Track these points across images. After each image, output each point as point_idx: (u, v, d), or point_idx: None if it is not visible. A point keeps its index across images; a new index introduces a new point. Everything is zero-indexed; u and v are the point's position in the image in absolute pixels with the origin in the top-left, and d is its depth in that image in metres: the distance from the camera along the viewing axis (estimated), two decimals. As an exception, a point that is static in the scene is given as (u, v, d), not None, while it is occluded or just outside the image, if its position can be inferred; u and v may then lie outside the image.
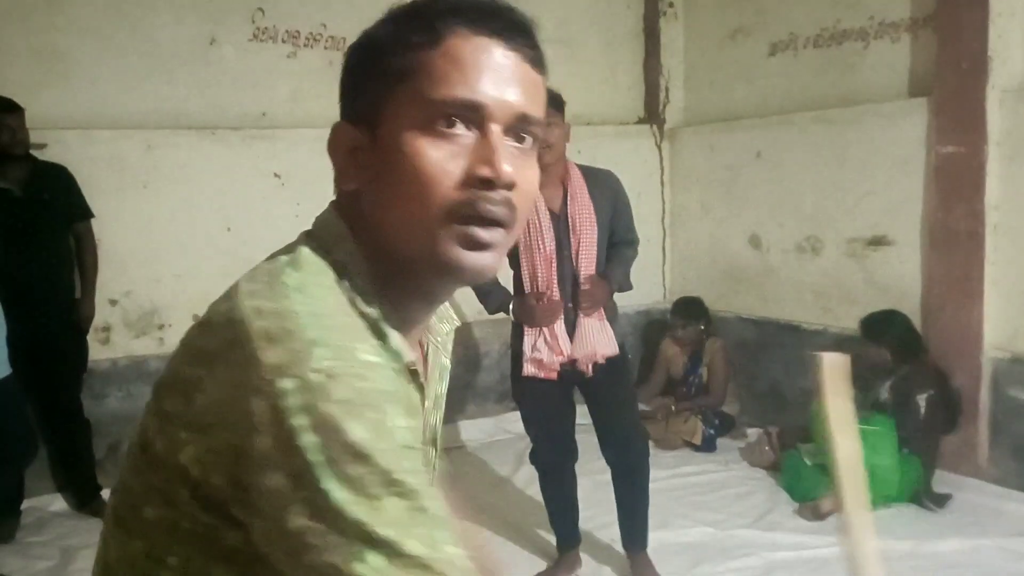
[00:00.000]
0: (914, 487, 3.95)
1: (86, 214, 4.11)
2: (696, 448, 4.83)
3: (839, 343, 4.48)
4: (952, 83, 4.06)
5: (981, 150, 3.95)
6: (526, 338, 3.14)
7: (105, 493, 4.22)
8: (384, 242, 0.87)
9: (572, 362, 3.15)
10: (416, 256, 0.85)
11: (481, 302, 3.28)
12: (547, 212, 3.12)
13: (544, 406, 3.27)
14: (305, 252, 0.86)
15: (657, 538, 3.56)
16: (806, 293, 4.99)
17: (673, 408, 4.98)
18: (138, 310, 4.50)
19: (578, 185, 3.15)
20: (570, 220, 3.13)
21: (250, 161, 4.70)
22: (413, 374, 0.85)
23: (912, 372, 4.07)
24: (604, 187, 3.22)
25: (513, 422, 5.35)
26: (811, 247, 4.94)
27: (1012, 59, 3.93)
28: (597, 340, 3.13)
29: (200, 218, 4.60)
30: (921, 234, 4.32)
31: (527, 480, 4.45)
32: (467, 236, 0.84)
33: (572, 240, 3.13)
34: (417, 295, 0.91)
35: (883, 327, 4.14)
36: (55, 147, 4.17)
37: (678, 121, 5.91)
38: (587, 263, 3.14)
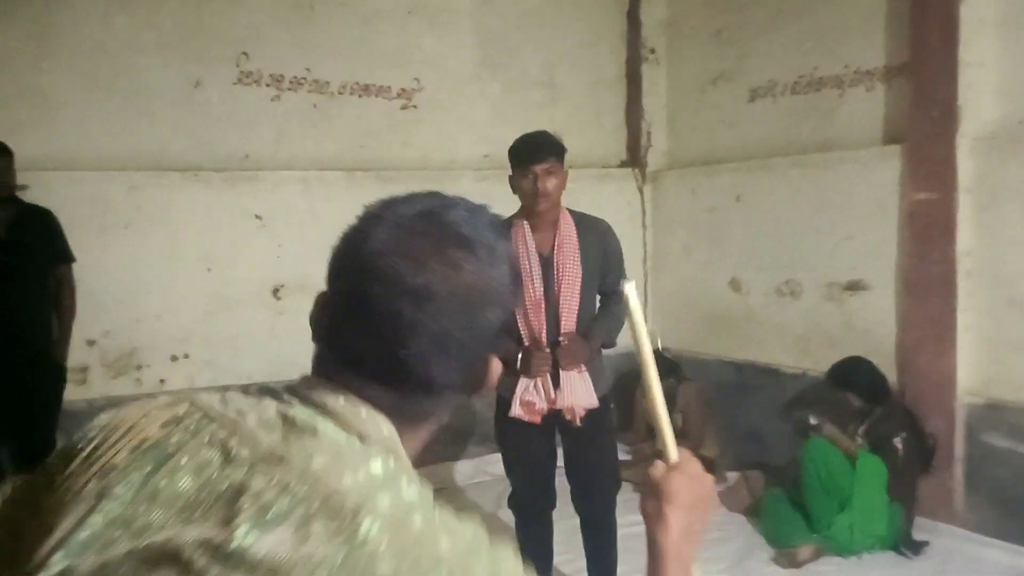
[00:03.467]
0: (896, 534, 3.94)
1: (67, 258, 4.14)
2: (675, 492, 4.80)
3: (818, 387, 4.49)
4: (924, 131, 4.11)
5: (952, 197, 4.00)
6: (519, 381, 3.14)
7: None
8: None
9: (557, 409, 3.15)
10: None
11: None
12: (536, 256, 3.14)
13: (526, 449, 3.27)
14: None
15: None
16: (786, 336, 5.01)
17: (649, 453, 4.97)
18: (117, 350, 4.50)
19: (567, 231, 3.16)
20: (555, 265, 3.14)
21: (232, 202, 4.74)
22: None
23: (884, 415, 4.11)
24: (594, 235, 3.23)
25: (494, 464, 5.35)
26: (790, 291, 4.96)
27: (982, 108, 3.99)
28: (577, 392, 3.13)
29: (181, 259, 4.63)
30: (896, 279, 4.35)
31: (505, 524, 4.43)
32: None
33: (555, 285, 3.14)
34: None
35: (849, 374, 4.20)
36: (37, 188, 4.21)
37: (660, 164, 5.97)
38: (569, 310, 3.14)
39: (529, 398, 3.12)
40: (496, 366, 0.94)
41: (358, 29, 5.09)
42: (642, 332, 1.15)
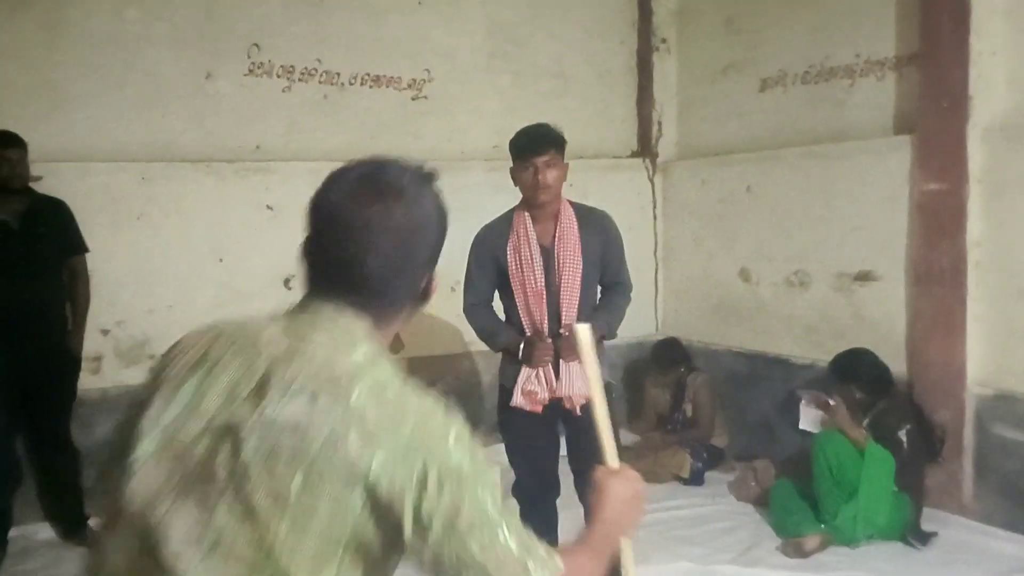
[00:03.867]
0: (903, 525, 3.94)
1: (81, 248, 4.18)
2: (684, 482, 4.83)
3: (822, 379, 4.49)
4: (934, 121, 4.09)
5: (962, 188, 3.98)
6: (522, 370, 3.16)
7: (92, 522, 4.25)
8: None
9: (558, 398, 3.17)
10: None
11: (485, 340, 3.32)
12: (538, 247, 3.16)
13: (528, 438, 3.29)
14: None
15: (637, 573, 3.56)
16: (796, 327, 5.01)
17: (659, 442, 4.99)
18: (130, 340, 4.55)
19: (568, 222, 3.18)
20: (556, 256, 3.16)
21: (243, 193, 4.77)
22: None
23: (888, 407, 4.11)
24: (595, 226, 3.25)
25: (499, 454, 5.38)
26: (800, 281, 4.96)
27: (993, 98, 3.97)
28: (576, 382, 3.14)
29: (193, 249, 4.67)
30: (906, 270, 4.34)
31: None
32: None
33: (555, 276, 3.16)
34: None
35: (852, 366, 4.21)
36: (51, 179, 4.25)
37: (671, 155, 5.97)
38: (569, 300, 3.16)
39: (531, 387, 3.15)
40: (436, 282, 1.32)
41: (369, 20, 5.11)
42: (594, 371, 1.53)
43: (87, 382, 4.33)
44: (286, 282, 4.85)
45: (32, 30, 4.35)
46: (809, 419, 4.34)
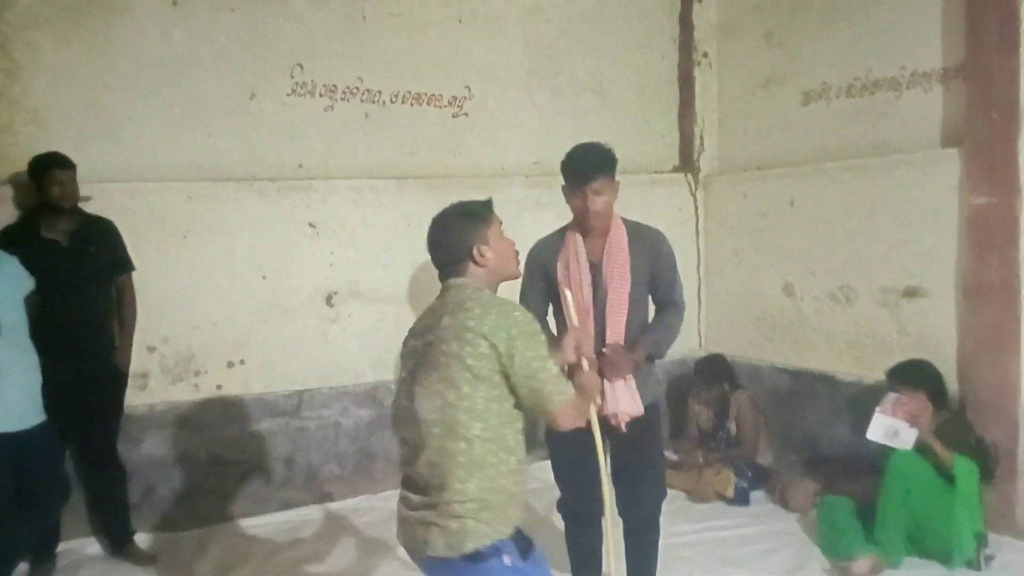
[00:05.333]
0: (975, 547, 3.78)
1: (128, 267, 4.25)
2: (729, 501, 4.76)
3: (874, 394, 4.40)
4: (983, 133, 4.02)
5: (1015, 201, 3.90)
6: None
7: (138, 538, 4.30)
8: None
9: (604, 416, 3.13)
10: None
11: None
12: (587, 264, 3.14)
13: (574, 455, 3.25)
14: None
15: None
16: (839, 342, 4.93)
17: (702, 460, 4.92)
18: (175, 356, 4.61)
19: (618, 239, 3.14)
20: (604, 272, 3.13)
21: (286, 211, 4.82)
22: None
23: (950, 420, 3.98)
24: (645, 244, 3.19)
25: (545, 470, 5.35)
26: (844, 296, 4.88)
27: (1044, 109, 3.89)
28: (621, 400, 3.11)
29: (237, 267, 4.72)
30: (955, 285, 4.25)
31: (554, 531, 4.44)
32: None
33: (602, 292, 3.14)
34: None
35: (917, 373, 4.05)
36: (99, 199, 4.33)
37: (712, 169, 5.92)
38: (615, 318, 3.12)
39: None
40: (486, 254, 2.35)
41: (409, 38, 5.15)
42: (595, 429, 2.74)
43: (134, 398, 4.39)
44: (328, 299, 4.89)
45: (82, 52, 4.44)
46: (881, 429, 3.85)
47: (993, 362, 4.02)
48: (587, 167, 3.07)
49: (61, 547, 4.11)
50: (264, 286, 4.78)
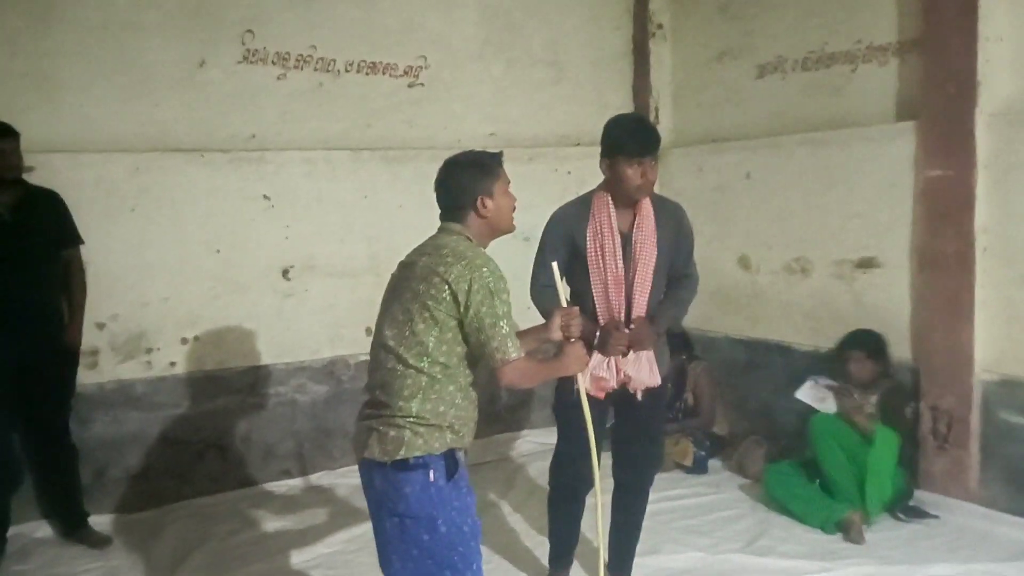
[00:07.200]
0: (898, 497, 4.04)
1: (75, 240, 4.09)
2: (687, 470, 4.83)
3: (829, 363, 4.49)
4: (939, 107, 4.09)
5: (970, 173, 3.98)
6: (593, 356, 3.11)
7: (92, 520, 4.18)
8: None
9: (622, 385, 3.16)
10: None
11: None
12: (619, 235, 3.12)
13: (579, 430, 3.24)
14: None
15: (648, 563, 3.58)
16: (795, 314, 5.00)
17: (689, 431, 4.98)
18: (125, 333, 4.46)
19: (647, 211, 3.15)
20: (634, 244, 3.12)
21: (239, 183, 4.68)
22: None
23: (895, 386, 4.22)
24: (669, 217, 3.23)
25: (503, 444, 5.36)
26: (800, 268, 4.95)
27: (1000, 83, 3.97)
28: (642, 371, 3.15)
29: (188, 241, 4.58)
30: (910, 256, 4.34)
31: (518, 503, 4.45)
32: None
33: (632, 263, 3.13)
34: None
35: (854, 337, 4.32)
36: (42, 170, 4.15)
37: (667, 142, 5.91)
38: (642, 290, 3.13)
39: (601, 374, 3.13)
40: (488, 207, 2.48)
41: (363, 6, 5.02)
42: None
43: (84, 377, 4.25)
44: (284, 273, 4.78)
45: (21, 18, 4.22)
46: (811, 393, 4.24)
47: (947, 331, 4.12)
48: (649, 138, 3.10)
49: (11, 531, 3.96)
50: (217, 260, 4.64)
